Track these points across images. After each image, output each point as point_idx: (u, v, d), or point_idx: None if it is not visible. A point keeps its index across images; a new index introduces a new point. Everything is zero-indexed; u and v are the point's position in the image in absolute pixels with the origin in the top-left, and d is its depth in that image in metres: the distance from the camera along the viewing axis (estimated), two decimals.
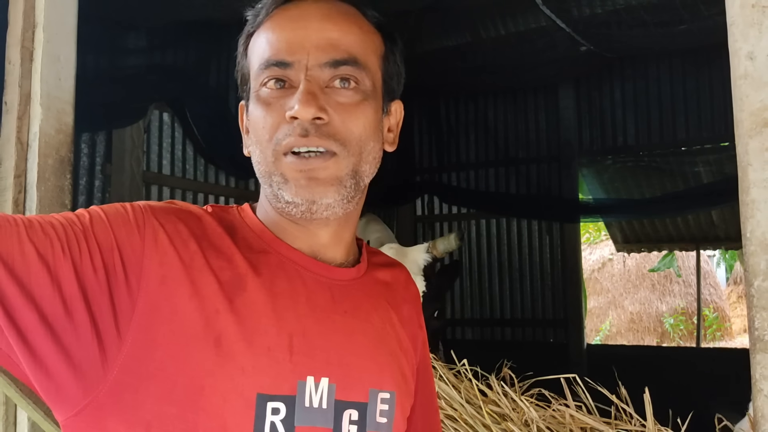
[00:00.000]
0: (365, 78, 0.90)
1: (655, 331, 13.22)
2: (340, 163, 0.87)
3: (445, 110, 7.31)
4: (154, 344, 0.79)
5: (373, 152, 0.92)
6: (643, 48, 5.47)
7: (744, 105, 1.24)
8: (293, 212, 0.88)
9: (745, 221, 1.25)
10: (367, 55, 0.91)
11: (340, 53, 0.88)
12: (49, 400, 0.78)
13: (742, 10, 1.25)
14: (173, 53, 4.77)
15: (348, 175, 0.88)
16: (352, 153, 0.88)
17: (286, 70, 0.87)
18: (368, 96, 0.90)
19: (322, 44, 0.87)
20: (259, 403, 0.81)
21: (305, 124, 0.85)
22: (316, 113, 0.84)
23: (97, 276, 0.78)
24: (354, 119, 0.88)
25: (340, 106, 0.87)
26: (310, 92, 0.85)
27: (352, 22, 0.91)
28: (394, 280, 1.06)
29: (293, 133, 0.85)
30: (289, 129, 0.86)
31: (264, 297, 0.86)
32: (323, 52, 0.87)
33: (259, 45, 0.91)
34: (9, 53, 1.94)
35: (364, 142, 0.89)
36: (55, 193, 1.92)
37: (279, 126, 0.87)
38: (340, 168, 0.87)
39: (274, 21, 0.91)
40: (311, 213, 0.88)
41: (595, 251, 14.27)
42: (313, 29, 0.88)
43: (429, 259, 2.96)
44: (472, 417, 2.13)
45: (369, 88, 0.90)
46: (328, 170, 0.86)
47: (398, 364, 0.98)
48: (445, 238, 3.02)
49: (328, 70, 0.87)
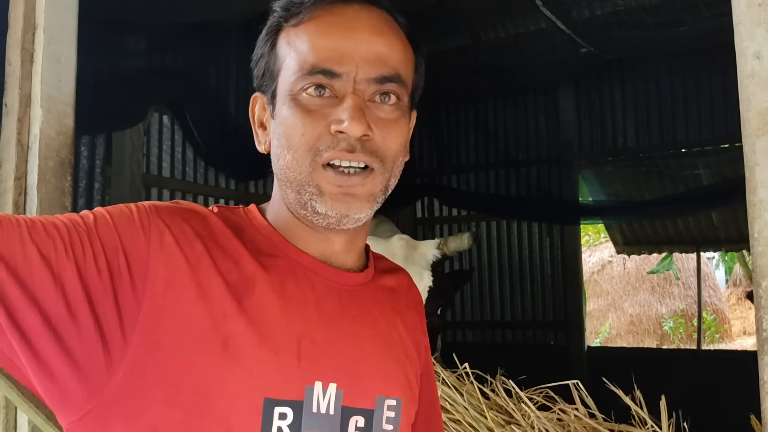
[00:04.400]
0: (404, 95, 0.90)
1: (654, 334, 13.22)
2: (376, 179, 0.87)
3: (445, 112, 7.30)
4: (160, 347, 0.78)
5: (401, 166, 0.91)
6: (643, 50, 5.47)
7: (751, 104, 1.24)
8: (320, 222, 0.88)
9: (753, 222, 1.24)
10: (408, 71, 0.91)
11: (387, 69, 0.87)
12: (53, 403, 0.77)
13: (749, 9, 1.24)
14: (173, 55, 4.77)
15: (381, 191, 0.88)
16: (387, 169, 0.88)
17: (333, 80, 0.85)
18: (405, 112, 0.90)
19: (371, 58, 0.86)
20: (266, 407, 0.80)
21: (352, 141, 0.84)
22: (365, 131, 0.84)
23: (101, 277, 0.76)
24: (393, 136, 0.88)
25: (381, 121, 0.86)
26: (360, 108, 0.84)
27: (396, 37, 0.90)
28: (398, 285, 1.05)
29: (337, 147, 0.84)
30: (332, 141, 0.84)
31: (273, 300, 0.85)
32: (372, 66, 0.86)
33: (301, 46, 0.87)
34: (9, 55, 1.93)
35: (397, 158, 0.89)
36: (55, 195, 1.90)
37: (320, 136, 0.85)
38: (376, 185, 0.87)
39: (320, 24, 0.87)
40: (339, 225, 0.87)
41: (594, 253, 14.27)
42: (363, 41, 0.86)
43: (438, 255, 2.94)
44: (475, 420, 2.12)
45: (406, 104, 0.91)
46: (365, 187, 0.86)
47: (404, 370, 0.97)
48: (458, 237, 3.00)
49: (374, 85, 0.86)
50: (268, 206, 0.96)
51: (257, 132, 0.96)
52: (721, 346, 13.03)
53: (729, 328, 13.78)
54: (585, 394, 2.26)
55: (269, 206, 0.96)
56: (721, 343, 13.32)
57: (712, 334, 13.19)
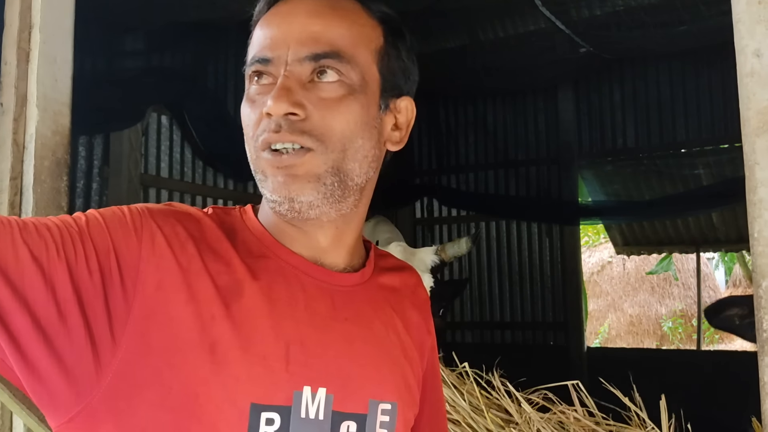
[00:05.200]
0: (351, 72, 0.86)
1: (654, 334, 13.21)
2: (316, 159, 0.84)
3: (444, 112, 7.29)
4: (149, 350, 0.77)
5: (362, 150, 0.88)
6: (642, 49, 5.47)
7: (751, 103, 1.23)
8: (279, 210, 0.87)
9: (753, 221, 1.23)
10: (355, 47, 0.87)
11: (321, 46, 0.85)
12: (42, 405, 0.76)
13: (749, 6, 1.23)
14: (171, 55, 4.76)
15: (328, 172, 0.85)
16: (332, 149, 0.84)
17: (268, 66, 0.86)
18: (355, 90, 0.86)
19: (303, 38, 0.85)
20: (253, 413, 0.79)
21: (279, 120, 0.83)
22: (287, 108, 0.82)
23: (92, 279, 0.76)
24: (336, 114, 0.85)
25: (321, 101, 0.84)
26: (284, 87, 0.83)
27: (341, 16, 0.88)
28: (402, 284, 1.03)
29: (268, 129, 0.84)
30: (266, 125, 0.84)
31: (261, 303, 0.84)
32: (303, 46, 0.85)
33: (251, 43, 0.90)
34: (5, 54, 1.93)
35: (348, 139, 0.86)
36: (51, 195, 1.90)
37: (257, 122, 0.86)
38: (317, 164, 0.84)
39: (265, 19, 0.90)
40: (296, 212, 0.86)
41: (593, 254, 14.26)
42: (296, 24, 0.86)
43: (437, 261, 2.96)
44: (475, 421, 2.11)
45: (356, 82, 0.86)
46: (303, 167, 0.84)
47: (401, 373, 0.95)
48: (456, 243, 3.01)
49: (308, 64, 0.84)
50: (260, 207, 0.95)
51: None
52: (721, 346, 13.02)
53: None
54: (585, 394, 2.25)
55: (260, 206, 0.95)
56: (720, 343, 13.30)
57: (711, 335, 13.17)
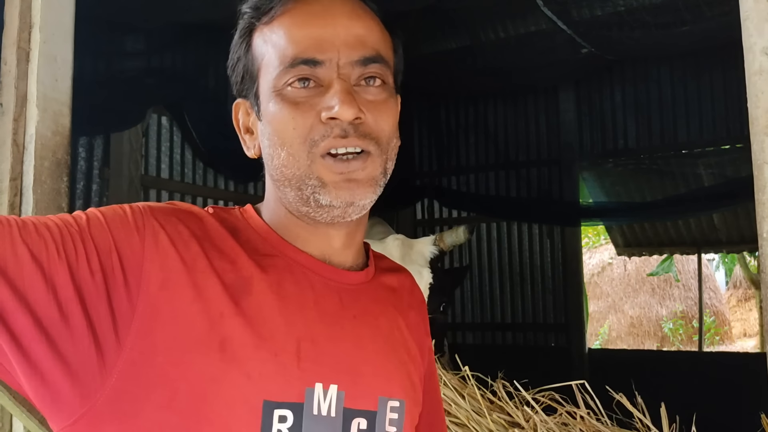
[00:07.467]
0: (389, 75, 0.89)
1: (654, 336, 13.21)
2: (375, 162, 0.86)
3: (445, 113, 7.29)
4: (155, 350, 0.76)
5: (395, 149, 0.90)
6: (644, 50, 5.46)
7: (759, 102, 1.21)
8: (324, 217, 0.86)
9: (762, 221, 1.22)
10: (388, 51, 0.90)
11: (369, 51, 0.86)
12: (45, 408, 0.75)
13: (757, 4, 1.22)
14: (171, 56, 4.75)
15: (381, 174, 0.87)
16: (383, 151, 0.87)
17: (316, 68, 0.84)
18: (392, 93, 0.90)
19: (351, 41, 0.85)
20: (266, 410, 0.78)
21: (344, 125, 0.83)
22: (356, 113, 0.83)
23: (94, 279, 0.74)
24: (385, 117, 0.87)
25: (370, 104, 0.85)
26: (348, 92, 0.83)
27: (373, 19, 0.90)
28: (399, 285, 1.03)
29: (331, 134, 0.83)
30: (326, 130, 0.83)
31: (271, 300, 0.83)
32: (353, 49, 0.85)
33: (279, 40, 0.86)
34: (5, 54, 1.91)
35: (391, 139, 0.88)
36: (51, 196, 1.88)
37: (312, 127, 0.83)
38: (376, 167, 0.86)
39: (295, 16, 0.86)
40: (344, 216, 0.86)
41: (594, 255, 14.26)
42: (341, 26, 0.85)
43: (436, 251, 2.93)
44: (478, 423, 2.10)
45: (391, 84, 0.90)
46: (366, 171, 0.85)
47: (407, 371, 0.95)
48: (454, 231, 2.98)
49: (358, 68, 0.85)
50: (262, 207, 0.94)
51: (244, 138, 0.94)
52: (721, 348, 13.02)
53: (729, 329, 13.76)
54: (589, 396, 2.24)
55: (263, 207, 0.94)
56: (721, 345, 13.31)
57: (711, 336, 13.17)
